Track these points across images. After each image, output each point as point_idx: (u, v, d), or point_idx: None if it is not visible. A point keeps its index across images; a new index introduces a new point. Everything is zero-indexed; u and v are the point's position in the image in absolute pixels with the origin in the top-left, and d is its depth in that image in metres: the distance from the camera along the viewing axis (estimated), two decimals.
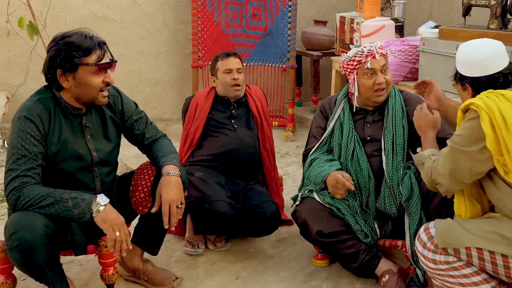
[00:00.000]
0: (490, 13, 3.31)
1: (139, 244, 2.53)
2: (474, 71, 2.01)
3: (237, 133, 2.99)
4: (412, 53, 3.81)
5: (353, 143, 2.62)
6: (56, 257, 2.20)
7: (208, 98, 3.08)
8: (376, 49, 2.55)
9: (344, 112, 2.69)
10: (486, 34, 3.26)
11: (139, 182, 2.41)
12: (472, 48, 2.05)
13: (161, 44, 5.21)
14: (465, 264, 1.93)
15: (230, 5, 4.79)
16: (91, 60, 2.16)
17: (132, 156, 4.17)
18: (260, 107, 3.12)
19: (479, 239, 1.88)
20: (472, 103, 1.90)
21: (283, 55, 4.83)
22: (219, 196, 2.75)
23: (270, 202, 2.84)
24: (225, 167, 2.94)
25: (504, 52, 2.02)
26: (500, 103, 1.85)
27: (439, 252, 1.95)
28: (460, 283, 1.95)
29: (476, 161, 1.90)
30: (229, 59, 3.05)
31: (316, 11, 5.56)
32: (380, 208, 2.59)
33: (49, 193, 2.09)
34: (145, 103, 4.88)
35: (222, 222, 2.71)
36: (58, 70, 2.15)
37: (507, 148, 1.81)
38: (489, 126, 1.83)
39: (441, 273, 1.98)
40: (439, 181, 2.04)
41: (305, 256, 2.82)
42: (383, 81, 2.57)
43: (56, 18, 4.79)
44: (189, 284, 2.61)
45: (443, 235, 1.94)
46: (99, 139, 2.36)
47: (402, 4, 4.55)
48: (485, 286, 1.93)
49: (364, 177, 2.59)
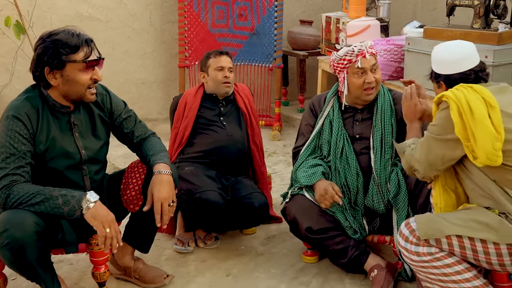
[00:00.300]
0: (473, 13, 3.36)
1: (130, 242, 2.54)
2: (448, 69, 2.15)
3: (227, 130, 3.02)
4: (397, 53, 3.86)
5: (342, 141, 2.66)
6: (47, 255, 2.19)
7: (197, 96, 3.10)
8: (366, 48, 2.59)
9: (334, 110, 2.72)
10: (470, 33, 3.32)
11: (130, 181, 2.42)
12: (446, 48, 2.19)
13: (148, 44, 5.21)
14: (447, 254, 2.00)
15: (217, 5, 4.80)
16: (79, 57, 2.16)
17: (120, 156, 4.17)
18: (248, 103, 3.16)
19: (458, 227, 1.96)
20: (443, 95, 2.05)
21: (270, 55, 4.86)
22: (210, 186, 2.78)
23: (258, 193, 2.87)
24: (215, 163, 2.97)
25: (474, 51, 2.17)
26: (468, 94, 1.98)
27: (422, 244, 2.02)
28: (443, 273, 2.01)
29: (448, 148, 2.04)
30: (221, 57, 3.09)
31: (302, 11, 5.60)
32: (369, 205, 2.62)
33: (39, 191, 2.09)
34: (132, 103, 4.84)
35: (213, 212, 2.72)
36: (46, 68, 2.15)
37: (473, 135, 1.94)
38: (457, 115, 1.97)
39: (424, 265, 2.03)
40: (416, 167, 2.18)
41: (295, 253, 2.85)
42: (373, 80, 2.60)
43: (41, 17, 4.75)
44: (180, 282, 2.62)
45: (424, 227, 2.02)
46: (88, 137, 2.36)
47: (387, 4, 4.60)
48: (467, 274, 1.99)
49: (352, 175, 2.62)
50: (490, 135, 1.92)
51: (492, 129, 1.93)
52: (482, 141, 1.92)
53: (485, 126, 1.92)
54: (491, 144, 1.92)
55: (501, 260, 1.94)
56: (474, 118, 1.93)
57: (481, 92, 1.98)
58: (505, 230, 1.90)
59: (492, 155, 1.92)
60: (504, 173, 1.96)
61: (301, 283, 2.59)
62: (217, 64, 3.06)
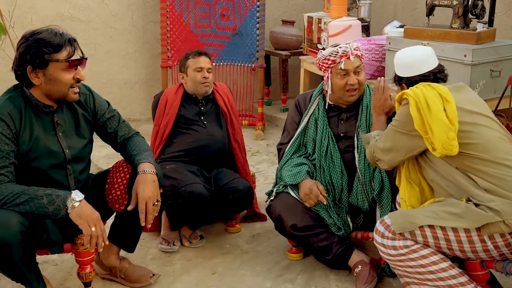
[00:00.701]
0: (452, 13, 3.43)
1: (115, 242, 2.54)
2: (409, 72, 2.31)
3: (207, 129, 3.06)
4: (378, 52, 3.91)
5: (327, 140, 2.69)
6: (32, 255, 2.18)
7: (177, 94, 3.13)
8: (351, 50, 2.61)
9: (319, 108, 2.75)
10: (449, 33, 3.38)
11: (115, 180, 2.41)
12: (407, 53, 2.35)
13: (130, 44, 5.19)
14: (422, 246, 2.08)
15: (199, 5, 4.81)
16: (62, 56, 2.16)
17: (103, 157, 4.16)
18: (227, 101, 3.20)
19: (429, 218, 2.06)
20: (404, 93, 2.21)
21: (252, 55, 4.88)
22: (193, 180, 2.81)
23: (240, 179, 2.92)
24: (196, 162, 3.00)
25: (433, 55, 2.35)
26: (426, 91, 2.14)
27: (398, 238, 2.10)
28: (420, 265, 2.08)
29: (409, 141, 2.19)
30: (200, 58, 3.11)
31: (284, 11, 5.63)
32: (353, 203, 2.66)
33: (23, 190, 2.08)
34: (114, 103, 4.75)
35: (199, 204, 2.74)
36: (28, 67, 2.15)
37: (430, 128, 2.08)
38: (416, 110, 2.12)
39: (402, 258, 2.10)
40: (379, 157, 2.33)
41: (280, 251, 2.87)
42: (355, 82, 2.63)
43: (21, 18, 4.71)
44: (166, 281, 2.62)
45: (398, 221, 2.11)
46: (72, 137, 2.36)
47: (368, 5, 4.66)
48: (443, 264, 2.06)
49: (337, 173, 2.65)
50: (444, 126, 2.06)
51: (446, 120, 2.07)
52: (437, 132, 2.06)
53: (439, 119, 2.07)
54: (446, 134, 2.05)
55: (473, 247, 2.01)
56: (431, 112, 2.08)
57: (438, 88, 2.14)
58: (472, 215, 1.99)
59: (447, 144, 2.05)
60: (463, 160, 2.09)
61: (286, 280, 2.62)
62: (196, 65, 3.08)
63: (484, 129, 2.11)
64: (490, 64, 3.27)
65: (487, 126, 2.13)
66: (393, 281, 2.55)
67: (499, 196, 1.99)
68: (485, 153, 2.06)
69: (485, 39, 3.36)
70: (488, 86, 3.28)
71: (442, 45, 3.33)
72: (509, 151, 2.10)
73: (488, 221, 1.95)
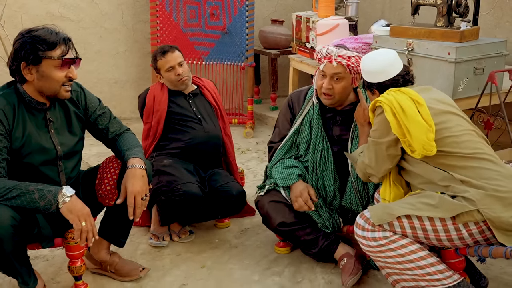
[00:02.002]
0: (437, 11, 3.49)
1: (105, 237, 2.58)
2: (378, 77, 2.37)
3: (203, 126, 3.08)
4: (365, 50, 3.97)
5: (322, 143, 2.69)
6: (23, 249, 2.22)
7: (163, 90, 3.14)
8: (335, 55, 2.54)
9: (314, 109, 2.72)
10: (433, 31, 3.44)
11: (105, 175, 2.45)
12: (374, 60, 2.39)
13: (120, 43, 5.22)
14: (401, 236, 2.16)
15: (188, 4, 4.85)
16: (55, 54, 2.20)
17: (94, 155, 4.19)
18: (215, 96, 3.25)
19: (407, 209, 2.14)
20: (376, 101, 2.27)
21: (242, 54, 4.93)
22: (189, 179, 2.85)
23: (234, 183, 2.97)
24: (192, 158, 3.05)
25: (397, 58, 2.40)
26: (397, 96, 2.22)
27: (377, 229, 2.18)
28: (400, 254, 2.15)
29: (390, 147, 2.25)
30: (167, 56, 3.07)
31: (273, 11, 5.69)
32: (346, 206, 2.71)
33: (15, 185, 2.12)
34: (105, 102, 4.74)
35: (193, 203, 2.79)
36: (22, 62, 2.19)
37: (408, 131, 2.16)
38: (391, 115, 2.19)
39: (382, 249, 2.17)
40: (369, 172, 2.36)
41: (268, 245, 2.93)
42: (328, 87, 2.57)
43: (12, 17, 4.73)
44: (156, 274, 2.67)
45: (377, 214, 2.19)
46: (63, 134, 2.40)
47: (355, 4, 4.72)
48: (422, 253, 2.14)
49: (329, 178, 2.69)
50: (423, 128, 2.14)
51: (423, 122, 2.15)
52: (416, 134, 2.14)
53: (417, 121, 2.15)
54: (425, 136, 2.14)
55: (449, 235, 2.09)
56: (406, 115, 2.16)
57: (408, 93, 2.22)
58: (447, 205, 2.07)
59: (427, 145, 2.14)
60: (438, 158, 2.17)
61: (273, 273, 2.67)
62: (166, 66, 3.06)
63: (455, 126, 2.20)
64: (473, 62, 3.33)
65: (458, 124, 2.22)
66: (378, 274, 2.61)
67: (473, 187, 2.07)
68: (458, 148, 2.15)
69: (469, 37, 3.42)
70: (471, 83, 3.34)
71: (427, 43, 3.40)
72: (479, 145, 2.19)
73: (463, 210, 2.04)
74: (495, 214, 2.01)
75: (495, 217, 2.00)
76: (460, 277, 2.14)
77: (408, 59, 3.49)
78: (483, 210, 2.02)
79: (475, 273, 2.38)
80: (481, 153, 2.16)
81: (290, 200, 2.66)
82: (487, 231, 2.06)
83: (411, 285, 2.19)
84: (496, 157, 2.21)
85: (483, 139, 2.26)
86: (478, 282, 2.38)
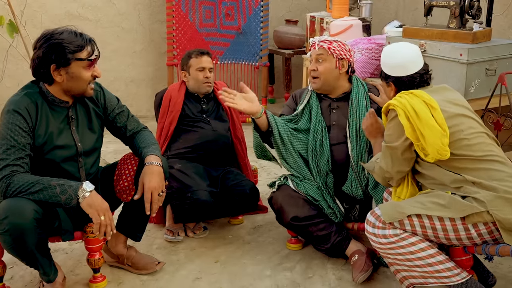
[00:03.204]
0: (449, 13, 3.53)
1: (122, 231, 2.66)
2: (396, 72, 2.38)
3: (212, 126, 3.17)
4: (378, 51, 4.01)
5: (321, 129, 2.85)
6: (45, 242, 2.32)
7: (180, 92, 3.23)
8: (317, 41, 2.84)
9: (312, 98, 2.92)
10: (446, 32, 3.48)
11: (123, 172, 2.54)
12: (395, 52, 2.40)
13: (137, 43, 5.31)
14: (411, 234, 2.18)
15: (204, 4, 4.93)
16: (83, 56, 2.31)
17: (110, 152, 4.28)
18: None
19: (417, 208, 2.16)
20: (389, 104, 2.27)
21: (256, 54, 5.00)
22: (199, 185, 2.92)
23: (248, 181, 3.05)
24: (202, 157, 3.11)
25: (419, 55, 2.39)
26: (411, 99, 2.22)
27: (388, 227, 2.21)
28: (409, 252, 2.19)
29: (406, 151, 2.26)
30: (203, 57, 3.20)
31: (288, 11, 5.74)
32: (347, 191, 2.79)
33: (38, 180, 2.21)
34: (121, 100, 4.94)
35: (203, 210, 2.88)
36: (52, 65, 2.28)
37: (422, 134, 2.17)
38: (405, 118, 2.20)
39: (392, 246, 2.21)
40: (387, 176, 2.37)
41: (280, 241, 2.99)
42: (312, 69, 2.84)
43: (32, 17, 4.84)
44: (171, 268, 2.75)
45: (388, 212, 2.22)
46: (84, 131, 2.48)
47: (369, 5, 4.76)
48: (431, 251, 2.17)
49: (324, 160, 2.81)
50: (437, 133, 2.15)
51: (438, 127, 2.16)
52: (431, 139, 2.15)
53: (431, 125, 2.16)
54: (440, 141, 2.15)
55: (458, 235, 2.12)
56: (420, 119, 2.17)
57: (422, 96, 2.23)
58: (457, 205, 2.10)
59: (442, 150, 2.16)
60: (451, 162, 2.19)
61: (285, 268, 2.74)
62: (199, 65, 3.17)
63: (467, 129, 2.22)
64: (485, 63, 3.36)
65: (470, 126, 2.23)
66: (388, 270, 2.66)
67: (484, 189, 2.11)
68: (470, 151, 2.17)
69: (481, 39, 3.45)
70: (483, 84, 3.38)
71: (439, 44, 3.44)
72: (490, 148, 2.21)
73: (473, 211, 2.07)
74: (504, 216, 2.04)
75: (505, 219, 2.04)
76: (468, 275, 2.18)
77: None
78: (493, 211, 2.04)
79: (483, 271, 2.42)
80: (492, 155, 2.19)
81: (299, 190, 2.76)
82: (496, 231, 2.09)
83: (420, 282, 2.23)
84: (506, 159, 2.24)
85: (494, 141, 2.28)
86: (486, 280, 2.41)
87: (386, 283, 2.59)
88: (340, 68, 2.83)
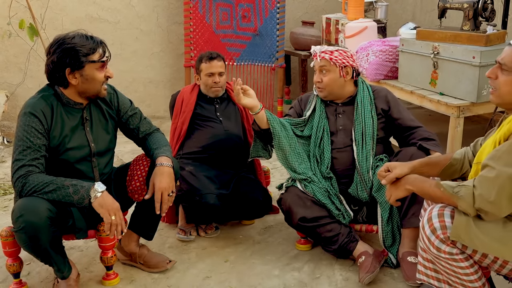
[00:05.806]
0: (463, 15, 3.52)
1: (135, 230, 2.74)
2: None
3: (223, 125, 3.22)
4: (392, 53, 4.02)
5: (322, 132, 2.89)
6: (59, 239, 2.40)
7: (193, 93, 3.30)
8: (319, 52, 2.88)
9: (317, 103, 2.97)
10: (459, 35, 3.47)
11: (135, 172, 2.61)
12: None
13: (155, 44, 5.40)
14: (465, 257, 1.99)
15: (221, 6, 4.99)
16: (96, 58, 2.39)
17: (128, 152, 4.37)
18: None
19: (490, 248, 1.92)
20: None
21: (272, 55, 5.04)
22: (208, 189, 2.96)
23: (261, 188, 3.10)
24: (214, 157, 3.16)
25: None
26: None
27: (447, 243, 1.98)
28: (454, 271, 2.04)
29: None
30: (212, 62, 3.22)
31: (304, 12, 5.77)
32: (353, 193, 2.82)
33: (52, 180, 2.29)
34: (139, 101, 5.07)
35: (211, 213, 2.94)
36: (67, 69, 2.36)
37: None
38: None
39: (440, 258, 2.04)
40: (487, 209, 1.92)
41: (289, 242, 3.04)
42: (317, 80, 2.89)
43: (53, 19, 4.97)
44: (182, 267, 2.81)
45: (459, 230, 1.93)
46: (98, 132, 2.56)
47: (384, 7, 4.76)
48: (473, 277, 2.03)
49: (324, 167, 2.85)
50: None
51: None
52: None
53: None
54: None
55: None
56: None
57: None
58: None
59: None
60: None
61: (293, 268, 2.78)
62: (208, 70, 3.21)
63: None
64: None
65: None
66: (394, 272, 2.68)
67: None
68: None
69: (494, 41, 3.43)
70: None
71: (452, 46, 3.43)
72: None
73: None
74: None
75: None
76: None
77: (434, 62, 3.53)
78: None
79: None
80: None
81: (307, 191, 2.79)
82: None
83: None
84: None
85: None
86: None
87: (393, 285, 2.61)
88: (345, 76, 2.88)
